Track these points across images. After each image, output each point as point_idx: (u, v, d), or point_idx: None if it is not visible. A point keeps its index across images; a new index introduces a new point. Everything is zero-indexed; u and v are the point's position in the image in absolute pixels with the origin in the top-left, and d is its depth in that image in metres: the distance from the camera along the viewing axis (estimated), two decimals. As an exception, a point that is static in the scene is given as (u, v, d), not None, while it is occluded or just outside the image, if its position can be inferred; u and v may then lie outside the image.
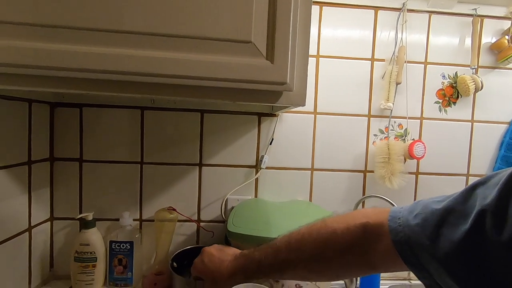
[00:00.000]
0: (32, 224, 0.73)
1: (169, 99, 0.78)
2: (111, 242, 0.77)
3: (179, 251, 0.79)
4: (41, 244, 0.78)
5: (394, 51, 0.86)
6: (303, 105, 0.54)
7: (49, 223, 0.80)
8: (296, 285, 0.64)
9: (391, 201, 0.75)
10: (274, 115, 0.85)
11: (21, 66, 0.44)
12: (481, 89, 0.86)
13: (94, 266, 0.76)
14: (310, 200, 0.87)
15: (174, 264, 0.74)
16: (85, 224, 0.77)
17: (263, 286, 0.51)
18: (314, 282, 0.63)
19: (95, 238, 0.77)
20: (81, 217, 0.78)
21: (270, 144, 0.85)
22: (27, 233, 0.72)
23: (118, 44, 0.46)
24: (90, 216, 0.77)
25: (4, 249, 0.64)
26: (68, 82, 0.47)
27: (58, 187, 0.81)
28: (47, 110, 0.78)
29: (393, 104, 0.85)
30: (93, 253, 0.76)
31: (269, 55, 0.49)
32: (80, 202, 0.82)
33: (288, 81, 0.50)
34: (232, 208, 0.85)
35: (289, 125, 0.86)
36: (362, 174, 0.88)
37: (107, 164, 0.82)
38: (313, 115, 0.86)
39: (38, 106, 0.74)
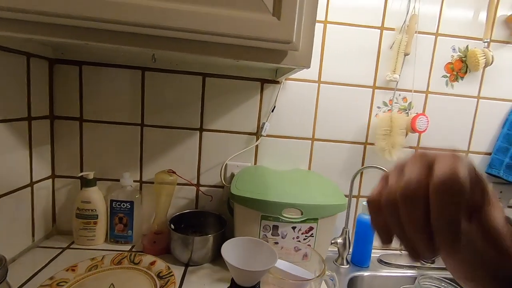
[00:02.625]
0: (33, 180, 0.74)
1: (170, 57, 0.76)
2: (111, 201, 0.79)
3: (177, 213, 0.81)
4: (43, 200, 0.79)
5: (405, 20, 0.83)
6: (308, 67, 0.52)
7: (50, 180, 0.81)
8: (295, 247, 0.65)
9: (389, 172, 0.75)
10: (277, 82, 0.83)
11: (17, 11, 0.43)
12: (491, 64, 0.83)
13: (95, 223, 0.78)
14: (309, 169, 0.88)
15: (172, 226, 0.76)
16: (86, 183, 0.78)
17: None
18: (312, 248, 0.65)
19: (96, 196, 0.78)
20: (82, 176, 0.79)
21: (272, 111, 0.84)
22: (29, 188, 0.73)
23: (117, -8, 0.44)
24: (91, 175, 0.78)
25: (7, 202, 0.65)
26: (66, 30, 0.46)
27: (59, 146, 0.81)
28: (46, 66, 0.76)
29: (399, 76, 0.83)
30: (94, 210, 0.78)
31: (275, 10, 0.47)
32: (81, 161, 0.82)
33: (294, 40, 0.48)
34: (232, 174, 0.86)
35: (292, 93, 0.84)
36: (363, 146, 0.88)
37: (108, 124, 0.81)
38: (317, 84, 0.85)
39: (37, 62, 0.72)
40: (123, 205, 0.79)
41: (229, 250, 0.38)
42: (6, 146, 0.64)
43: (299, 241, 0.68)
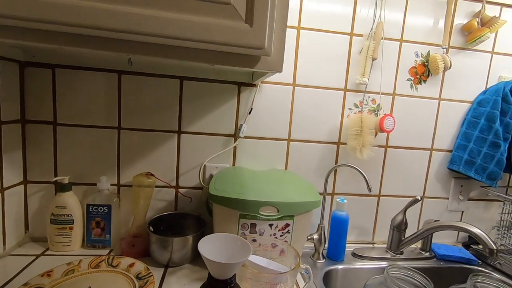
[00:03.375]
0: (4, 186, 0.72)
1: (146, 61, 0.77)
2: (88, 205, 0.78)
3: (156, 216, 0.82)
4: (15, 206, 0.77)
5: (372, 27, 0.88)
6: (280, 71, 0.55)
7: (22, 186, 0.79)
8: (272, 244, 0.68)
9: (360, 170, 0.80)
10: (254, 85, 0.86)
11: (-13, 14, 0.42)
12: (449, 68, 0.91)
13: (71, 228, 0.77)
14: (286, 169, 0.91)
15: (151, 228, 0.76)
16: (61, 188, 0.77)
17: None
18: (289, 244, 0.68)
19: (72, 201, 0.77)
20: (56, 181, 0.77)
21: (249, 113, 0.86)
22: (-1, 194, 0.71)
23: (93, -2, 0.45)
24: (66, 180, 0.77)
25: (-24, 209, 0.63)
26: (41, 35, 0.46)
27: (31, 151, 0.79)
28: (16, 69, 0.74)
29: (368, 79, 0.89)
30: (69, 215, 0.76)
31: (248, 18, 0.50)
32: (55, 166, 0.81)
33: (266, 46, 0.51)
34: (211, 175, 0.87)
35: (268, 96, 0.87)
36: (336, 145, 0.93)
37: (83, 128, 0.80)
38: (291, 87, 0.88)
39: (7, 64, 0.71)
40: (100, 209, 0.78)
41: (206, 245, 0.40)
42: (-25, 151, 0.63)
43: (276, 237, 0.70)
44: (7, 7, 0.42)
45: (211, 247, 0.40)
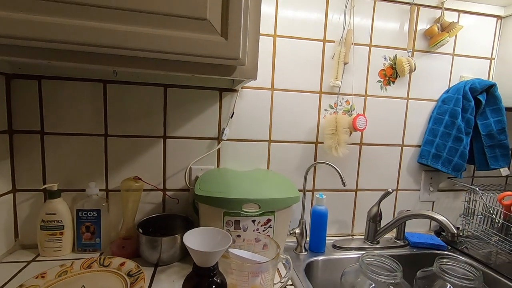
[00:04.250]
0: (-6, 195, 0.74)
1: (131, 72, 0.81)
2: (77, 210, 0.81)
3: (145, 218, 0.85)
4: (4, 215, 0.79)
5: (343, 33, 0.95)
6: (255, 78, 0.61)
7: (11, 194, 0.81)
8: (255, 238, 0.73)
9: (335, 167, 0.86)
10: (235, 91, 0.91)
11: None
12: (414, 70, 0.99)
13: (61, 233, 0.79)
14: (268, 168, 0.97)
15: (140, 230, 0.80)
16: (51, 194, 0.79)
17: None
18: (270, 237, 0.73)
19: (61, 207, 0.80)
20: (45, 188, 0.80)
21: (231, 117, 0.91)
22: (-11, 203, 0.73)
23: (80, 16, 0.49)
24: (55, 187, 0.80)
25: (-33, 218, 0.65)
26: (31, 52, 0.49)
27: (19, 160, 0.81)
28: (2, 81, 0.76)
29: (341, 82, 0.96)
30: (60, 221, 0.79)
31: (223, 32, 0.55)
32: (43, 174, 0.83)
33: (240, 57, 0.56)
34: (196, 177, 0.92)
35: (248, 100, 0.93)
36: (314, 145, 0.99)
37: (70, 136, 0.83)
38: (270, 91, 0.94)
39: (-7, 77, 0.73)
40: (90, 213, 0.81)
41: (190, 238, 0.45)
42: (-36, 162, 0.65)
43: (259, 232, 0.75)
44: (4, 27, 0.46)
45: (195, 239, 0.44)
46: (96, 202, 0.82)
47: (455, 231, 0.75)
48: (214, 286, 0.44)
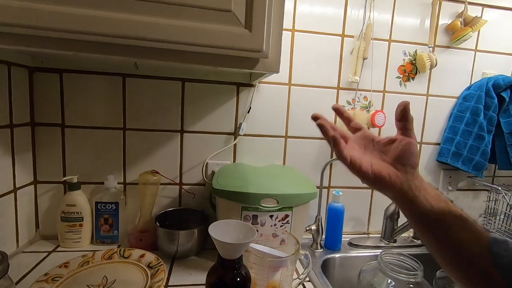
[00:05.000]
0: (17, 186, 0.76)
1: (151, 65, 0.81)
2: (96, 203, 0.82)
3: (162, 212, 0.86)
4: (26, 205, 0.80)
5: (362, 28, 0.93)
6: (277, 72, 0.60)
7: (33, 186, 0.82)
8: (273, 233, 0.72)
9: (353, 163, 0.85)
10: (252, 85, 0.91)
11: (13, 25, 0.46)
12: (435, 66, 0.96)
13: (81, 225, 0.81)
14: (284, 164, 0.96)
15: (157, 223, 0.80)
16: (70, 187, 0.80)
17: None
18: (289, 232, 0.72)
19: (81, 199, 0.81)
20: (65, 180, 0.81)
21: (248, 112, 0.91)
22: (12, 194, 0.74)
23: (103, 7, 0.49)
24: (74, 179, 0.81)
25: (-8, 208, 0.67)
26: (57, 43, 0.50)
27: (40, 152, 0.82)
28: (26, 74, 0.78)
29: (359, 77, 0.94)
30: (79, 213, 0.80)
31: (247, 24, 0.54)
32: (63, 166, 0.84)
33: (264, 49, 0.55)
34: (212, 172, 0.92)
35: (265, 95, 0.92)
36: (331, 141, 0.98)
37: (90, 129, 0.84)
38: (287, 86, 0.93)
39: (17, 70, 0.74)
40: (108, 206, 0.82)
41: (215, 229, 0.44)
42: (-10, 153, 0.66)
43: (276, 228, 0.75)
44: (28, 18, 0.46)
45: (220, 231, 0.44)
46: (114, 195, 0.83)
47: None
48: (239, 279, 0.44)
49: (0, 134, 0.69)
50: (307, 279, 0.74)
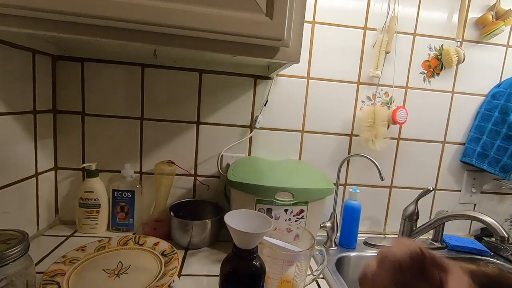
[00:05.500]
0: (38, 171, 0.78)
1: (170, 54, 0.81)
2: (113, 190, 0.83)
3: (176, 202, 0.86)
4: (47, 190, 0.83)
5: (386, 21, 0.90)
6: (298, 61, 0.59)
7: (53, 172, 0.85)
8: (287, 228, 0.71)
9: (372, 159, 0.82)
10: (270, 78, 0.89)
11: (37, 10, 0.47)
12: (462, 62, 0.92)
13: (98, 212, 0.82)
14: (300, 159, 0.94)
15: (172, 213, 0.81)
16: (89, 173, 0.82)
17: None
18: (304, 227, 0.71)
19: (99, 186, 0.82)
20: (84, 167, 0.83)
21: (265, 105, 0.90)
22: (34, 178, 0.76)
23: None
24: (93, 166, 0.82)
25: (14, 191, 0.69)
26: (80, 28, 0.50)
27: (61, 139, 0.84)
28: (49, 62, 0.80)
29: (381, 72, 0.91)
30: (96, 199, 0.82)
31: (268, 11, 0.53)
32: (83, 153, 0.86)
33: (285, 38, 0.54)
34: (227, 164, 0.91)
35: (283, 88, 0.90)
36: (348, 137, 0.95)
37: (109, 118, 0.85)
38: (306, 80, 0.91)
39: (41, 58, 0.76)
40: (125, 194, 0.83)
41: (231, 218, 0.44)
42: (14, 137, 0.68)
43: (291, 223, 0.74)
44: (54, 3, 0.47)
45: (236, 220, 0.43)
46: (131, 184, 0.84)
47: (506, 235, 0.69)
48: (253, 269, 0.43)
49: (24, 119, 0.71)
50: (321, 276, 0.72)
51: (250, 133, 0.91)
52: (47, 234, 0.80)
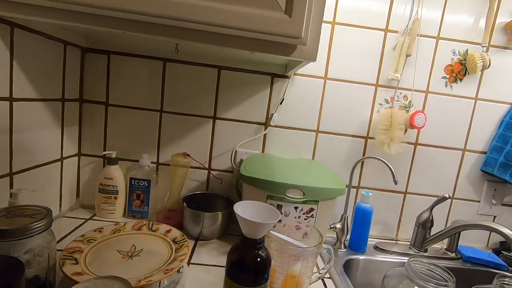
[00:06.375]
0: (63, 156, 0.83)
1: (191, 49, 0.83)
2: (131, 178, 0.87)
3: (189, 194, 0.89)
4: (70, 175, 0.88)
5: (408, 23, 0.89)
6: (315, 60, 0.59)
7: (76, 157, 0.90)
8: (296, 226, 0.72)
9: (386, 162, 0.81)
10: (287, 77, 0.90)
11: (71, 2, 0.50)
12: (488, 67, 0.89)
13: (115, 198, 0.86)
14: (313, 159, 0.95)
15: (185, 204, 0.83)
16: (109, 161, 0.86)
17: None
18: (313, 226, 0.71)
19: (117, 174, 0.86)
20: (105, 154, 0.87)
21: (281, 103, 0.91)
22: (59, 162, 0.81)
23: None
24: (113, 154, 0.86)
25: (41, 173, 0.74)
26: (108, 21, 0.54)
27: (85, 127, 0.89)
28: (78, 54, 0.84)
29: (401, 75, 0.89)
30: (115, 186, 0.86)
31: (287, 9, 0.54)
32: (104, 142, 0.90)
33: (303, 36, 0.55)
34: (241, 160, 0.93)
35: (299, 88, 0.91)
36: (363, 140, 0.95)
37: (130, 109, 0.89)
38: (323, 80, 0.91)
39: (72, 49, 0.81)
40: (141, 183, 0.87)
41: (240, 208, 0.45)
42: (44, 122, 0.73)
43: (300, 220, 0.74)
44: (85, -4, 0.50)
45: (245, 209, 0.45)
46: (147, 173, 0.88)
47: (525, 248, 0.67)
48: (259, 259, 0.44)
49: (53, 106, 0.76)
50: (328, 275, 0.72)
51: (264, 130, 0.92)
52: (68, 215, 0.85)
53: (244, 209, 0.45)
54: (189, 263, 0.68)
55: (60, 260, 0.53)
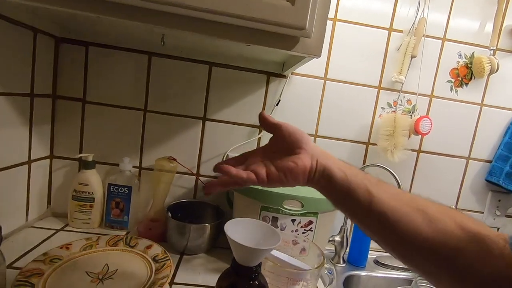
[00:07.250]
0: (31, 158, 0.73)
1: (179, 39, 0.75)
2: (109, 184, 0.78)
3: (174, 202, 0.80)
4: (40, 180, 0.78)
5: (414, 22, 0.83)
6: (319, 56, 0.52)
7: (48, 160, 0.80)
8: (293, 240, 0.64)
9: (391, 170, 0.75)
10: (284, 76, 0.83)
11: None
12: (496, 71, 0.84)
13: (91, 206, 0.77)
14: (310, 166, 0.88)
15: (169, 214, 0.75)
16: (85, 165, 0.77)
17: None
18: (312, 241, 0.64)
19: (94, 179, 0.77)
20: (81, 157, 0.78)
21: (277, 105, 0.83)
22: (26, 165, 0.71)
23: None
24: (90, 157, 0.77)
25: (3, 178, 0.64)
26: (81, 2, 0.45)
27: (59, 126, 0.80)
28: (52, 44, 0.75)
29: (405, 77, 0.84)
30: (91, 193, 0.76)
31: (290, -5, 0.47)
32: (80, 143, 0.81)
33: (307, 27, 0.48)
34: (232, 165, 0.85)
35: (297, 88, 0.84)
36: (364, 146, 0.88)
37: (110, 108, 0.80)
38: (322, 81, 0.85)
39: (43, 38, 0.72)
40: (121, 189, 0.78)
41: (232, 228, 0.37)
42: (7, 120, 0.63)
43: (298, 234, 0.67)
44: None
45: (238, 230, 0.37)
46: (128, 179, 0.79)
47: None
48: (253, 291, 0.37)
49: (19, 102, 0.66)
50: (328, 296, 0.65)
51: (259, 133, 0.85)
52: (36, 226, 0.75)
53: (237, 230, 0.37)
54: (171, 283, 0.59)
55: (12, 287, 0.44)
